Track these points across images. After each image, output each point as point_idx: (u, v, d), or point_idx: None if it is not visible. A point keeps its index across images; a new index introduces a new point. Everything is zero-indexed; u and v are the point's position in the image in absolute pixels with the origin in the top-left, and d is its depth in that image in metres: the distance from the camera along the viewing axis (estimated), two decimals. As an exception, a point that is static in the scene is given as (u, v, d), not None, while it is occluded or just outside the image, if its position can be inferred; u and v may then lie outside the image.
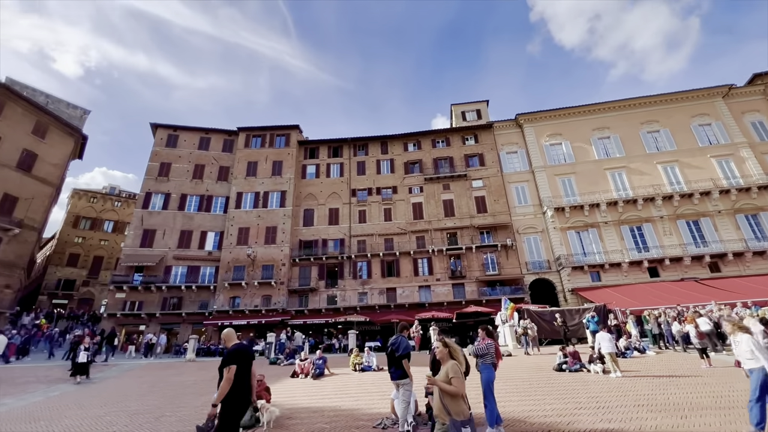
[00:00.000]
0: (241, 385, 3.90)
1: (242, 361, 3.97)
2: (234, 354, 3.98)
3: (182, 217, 30.75)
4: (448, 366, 3.47)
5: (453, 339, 5.42)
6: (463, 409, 3.32)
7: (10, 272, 25.64)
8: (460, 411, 3.30)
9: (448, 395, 3.32)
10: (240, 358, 3.97)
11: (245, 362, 4.01)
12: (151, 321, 27.25)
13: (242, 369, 3.92)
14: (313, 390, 9.75)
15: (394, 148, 34.28)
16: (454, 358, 3.57)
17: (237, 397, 3.83)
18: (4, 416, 7.70)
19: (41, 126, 28.31)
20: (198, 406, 8.30)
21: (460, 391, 3.32)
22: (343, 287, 29.04)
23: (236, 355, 3.98)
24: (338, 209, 31.91)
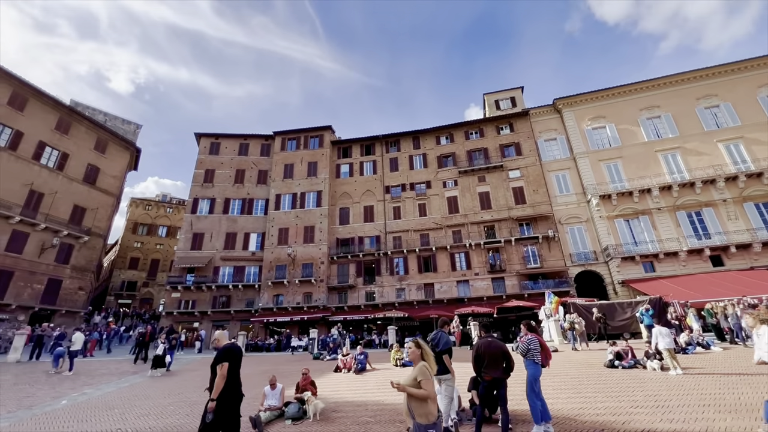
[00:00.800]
0: (233, 380, 4.28)
1: (233, 359, 4.32)
2: (226, 352, 4.33)
3: (227, 220, 32.50)
4: (417, 368, 3.34)
5: (495, 334, 5.27)
6: (428, 411, 3.18)
7: (82, 276, 28.47)
8: (424, 414, 3.17)
9: (415, 398, 3.21)
10: (231, 356, 4.33)
11: (235, 360, 4.36)
12: (203, 318, 29.13)
13: (233, 366, 4.29)
14: (356, 384, 9.98)
15: (426, 142, 33.97)
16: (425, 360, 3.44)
17: (231, 391, 4.20)
18: (86, 404, 8.60)
19: (101, 142, 31.06)
20: (249, 398, 8.72)
21: (428, 394, 3.19)
22: (381, 283, 29.32)
23: (228, 353, 4.33)
24: (373, 206, 32.20)
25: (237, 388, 4.38)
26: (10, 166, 24.70)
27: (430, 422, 3.14)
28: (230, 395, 4.23)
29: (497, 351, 4.92)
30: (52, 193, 26.78)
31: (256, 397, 8.60)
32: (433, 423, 3.15)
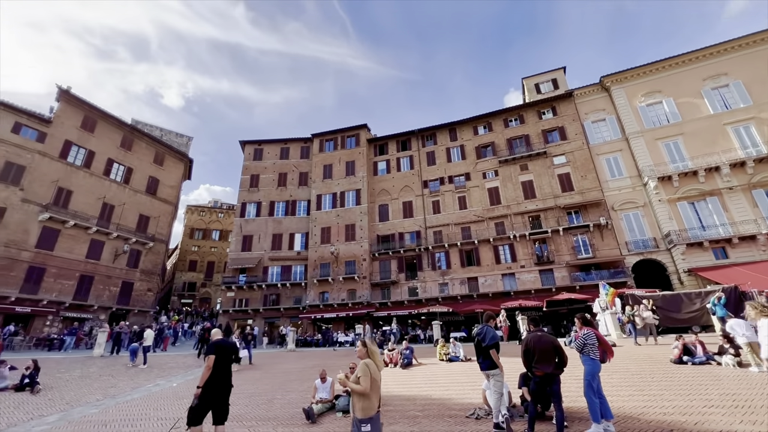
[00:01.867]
0: (220, 371, 4.76)
1: (220, 353, 4.80)
2: (213, 347, 4.82)
3: (273, 222, 34.06)
4: (360, 365, 3.52)
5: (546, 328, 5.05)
6: (366, 406, 3.34)
7: (149, 278, 31.32)
8: (362, 408, 3.34)
9: (355, 393, 3.39)
10: (218, 351, 4.80)
11: (224, 354, 4.85)
12: (256, 316, 30.85)
13: (221, 359, 4.79)
14: (403, 379, 10.07)
15: (463, 133, 33.20)
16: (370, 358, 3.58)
17: (215, 380, 4.68)
18: (159, 394, 9.50)
19: (159, 155, 33.85)
20: (302, 390, 9.19)
21: (364, 390, 3.32)
22: (423, 279, 29.23)
23: (215, 348, 4.82)
24: (411, 202, 32.11)
25: (225, 378, 4.79)
26: (85, 182, 27.71)
27: (365, 416, 3.32)
28: (216, 384, 4.67)
29: (548, 345, 4.72)
30: (120, 204, 29.69)
31: (307, 390, 9.00)
32: (368, 417, 3.32)
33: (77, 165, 27.44)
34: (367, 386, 3.34)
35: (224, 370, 4.82)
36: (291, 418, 6.65)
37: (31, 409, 7.88)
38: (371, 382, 3.36)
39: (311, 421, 6.17)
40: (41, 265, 24.45)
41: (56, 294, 24.77)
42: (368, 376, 3.39)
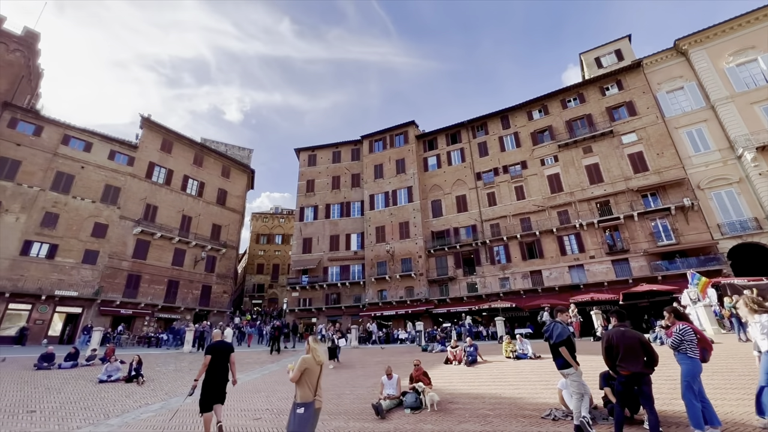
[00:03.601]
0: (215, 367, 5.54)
1: (216, 353, 5.59)
2: (210, 348, 5.66)
3: (329, 224, 35.38)
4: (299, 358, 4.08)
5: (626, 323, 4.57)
6: (302, 393, 3.93)
7: (224, 282, 34.33)
8: (300, 395, 3.93)
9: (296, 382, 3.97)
10: (214, 351, 5.61)
11: (220, 353, 5.63)
12: (319, 314, 32.30)
13: (217, 357, 5.57)
14: (469, 376, 9.86)
15: (516, 119, 31.57)
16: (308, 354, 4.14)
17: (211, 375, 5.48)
18: (240, 388, 10.32)
19: (226, 169, 36.92)
20: (369, 387, 9.41)
21: (292, 379, 3.96)
22: (482, 274, 28.35)
23: (211, 349, 5.64)
24: (465, 195, 31.30)
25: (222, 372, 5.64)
26: (167, 198, 31.15)
27: (302, 401, 3.91)
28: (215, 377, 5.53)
29: (633, 342, 4.27)
30: (196, 215, 32.90)
31: (374, 386, 9.20)
32: (304, 402, 3.89)
33: (160, 183, 30.96)
34: (294, 377, 3.95)
35: (221, 365, 5.64)
36: (361, 413, 6.85)
37: (138, 398, 9.04)
38: (303, 373, 3.95)
39: (380, 417, 6.29)
40: (137, 273, 28.00)
41: (150, 297, 28.23)
42: (299, 369, 3.96)
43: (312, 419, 3.89)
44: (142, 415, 7.41)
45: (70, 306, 24.95)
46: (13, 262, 23.17)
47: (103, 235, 26.86)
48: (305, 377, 3.96)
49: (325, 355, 3.98)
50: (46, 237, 24.62)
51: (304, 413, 3.84)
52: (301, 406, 3.86)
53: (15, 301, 22.77)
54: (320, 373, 4.11)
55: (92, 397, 8.93)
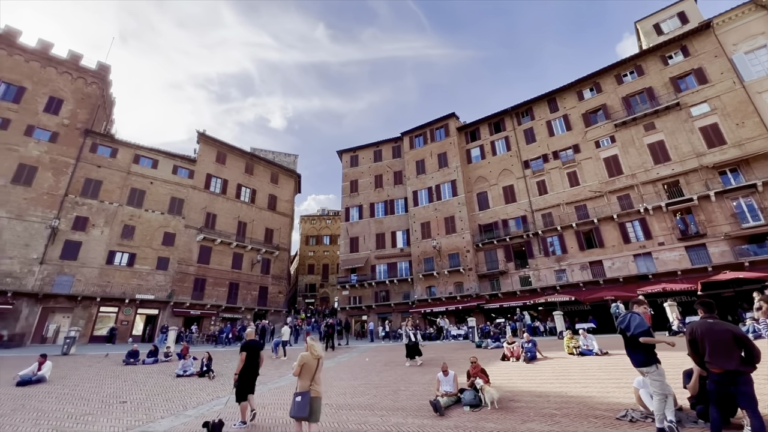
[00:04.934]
0: (251, 363, 6.31)
1: (250, 350, 6.39)
2: (244, 345, 6.47)
3: (374, 223, 35.77)
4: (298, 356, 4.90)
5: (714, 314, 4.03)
6: (301, 384, 4.71)
7: (278, 282, 36.12)
8: (298, 386, 4.73)
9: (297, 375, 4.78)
10: (249, 348, 6.40)
11: (253, 350, 6.43)
12: (369, 312, 32.81)
13: (251, 354, 6.36)
14: (529, 374, 9.43)
15: (564, 101, 29.63)
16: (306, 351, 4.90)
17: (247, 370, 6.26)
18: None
19: (274, 175, 38.81)
20: (424, 383, 9.35)
21: (293, 374, 4.78)
22: (536, 266, 27.02)
23: (246, 346, 6.44)
24: (512, 185, 30.01)
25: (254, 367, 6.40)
26: (224, 206, 33.42)
27: (300, 391, 4.64)
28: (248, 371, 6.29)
29: (725, 335, 3.73)
30: (251, 221, 34.94)
31: (429, 382, 9.12)
32: (302, 392, 4.61)
33: (217, 192, 33.30)
34: (295, 372, 4.76)
35: (253, 361, 6.39)
36: (418, 409, 6.81)
37: (210, 391, 9.78)
38: (301, 368, 4.75)
39: (439, 414, 6.21)
40: (203, 277, 30.38)
41: (215, 299, 30.49)
42: (298, 365, 4.76)
43: (308, 405, 4.52)
44: (215, 407, 7.99)
45: (149, 308, 27.73)
46: (101, 270, 26.24)
47: (172, 243, 29.49)
48: (304, 371, 4.75)
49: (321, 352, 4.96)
50: (125, 247, 27.56)
51: (301, 401, 4.54)
52: (298, 395, 4.60)
53: (105, 305, 25.81)
54: (317, 367, 4.79)
55: (171, 390, 9.82)
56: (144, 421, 6.87)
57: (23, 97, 26.23)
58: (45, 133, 26.43)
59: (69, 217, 25.82)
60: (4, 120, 25.08)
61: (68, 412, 7.53)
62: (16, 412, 7.49)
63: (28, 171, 25.07)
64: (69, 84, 28.53)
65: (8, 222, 23.61)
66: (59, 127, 27.04)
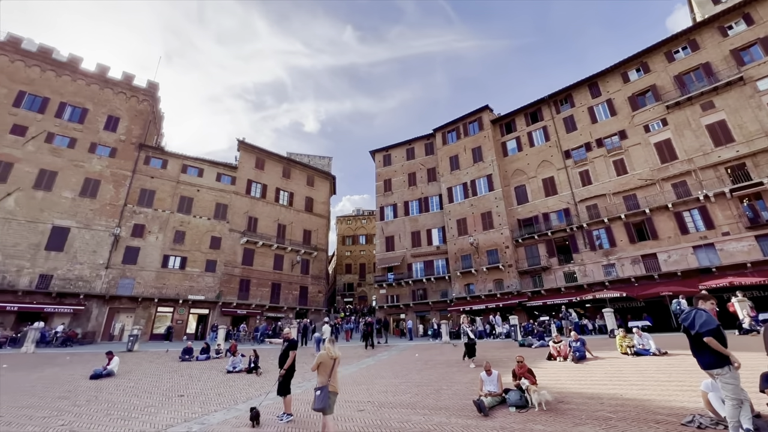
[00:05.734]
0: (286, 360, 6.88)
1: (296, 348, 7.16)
2: (294, 344, 7.26)
3: (409, 221, 35.66)
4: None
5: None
6: (319, 380, 5.13)
7: (318, 282, 37.07)
8: (317, 381, 5.16)
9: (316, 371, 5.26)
10: (296, 347, 7.23)
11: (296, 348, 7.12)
12: (407, 310, 32.78)
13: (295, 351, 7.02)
14: (579, 374, 8.95)
15: (607, 85, 27.84)
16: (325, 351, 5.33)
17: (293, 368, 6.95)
18: (341, 380, 10.94)
19: (310, 178, 39.88)
20: (466, 382, 9.18)
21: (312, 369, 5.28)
22: (581, 261, 25.64)
23: (295, 344, 7.27)
24: (553, 177, 28.67)
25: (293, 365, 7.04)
26: (264, 209, 34.84)
27: (319, 385, 5.06)
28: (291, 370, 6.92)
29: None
30: (289, 223, 36.16)
31: (471, 381, 8.94)
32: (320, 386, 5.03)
33: (257, 197, 34.79)
34: (313, 367, 5.29)
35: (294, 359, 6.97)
36: (462, 409, 6.70)
37: (258, 386, 10.23)
38: (319, 365, 5.21)
39: (484, 414, 6.06)
40: (247, 278, 31.88)
41: (259, 299, 31.90)
42: (316, 362, 5.26)
43: (327, 398, 4.96)
44: (263, 402, 8.34)
45: (200, 308, 29.56)
46: (158, 273, 28.33)
47: (219, 247, 31.22)
48: (321, 368, 5.20)
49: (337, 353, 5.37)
50: (177, 251, 29.56)
51: (320, 394, 4.99)
52: (318, 389, 5.04)
53: (162, 305, 27.85)
54: (333, 365, 5.22)
55: (223, 385, 10.39)
56: (199, 413, 7.33)
57: (86, 117, 28.92)
58: (105, 149, 28.97)
59: (128, 225, 28.12)
60: (71, 139, 27.81)
61: (134, 404, 8.21)
62: (91, 402, 8.29)
63: (93, 184, 27.61)
64: (124, 103, 31.05)
65: (78, 231, 26.16)
66: (117, 143, 29.53)
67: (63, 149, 27.29)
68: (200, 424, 6.53)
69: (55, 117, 27.69)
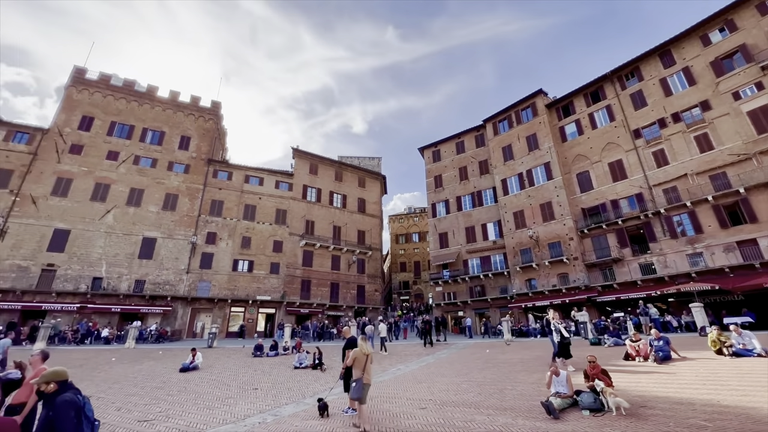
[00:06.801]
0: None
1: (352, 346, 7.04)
2: (352, 342, 7.43)
3: (462, 216, 34.86)
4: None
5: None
6: (355, 373, 5.91)
7: (374, 281, 37.78)
8: (353, 374, 5.95)
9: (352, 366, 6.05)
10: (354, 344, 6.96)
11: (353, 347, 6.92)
12: (465, 307, 32.08)
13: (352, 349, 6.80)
14: (663, 376, 8.09)
15: (683, 51, 24.73)
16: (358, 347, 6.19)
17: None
18: (402, 377, 11.14)
19: (361, 180, 40.78)
20: (531, 383, 8.77)
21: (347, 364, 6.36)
22: (660, 251, 23.09)
23: (353, 342, 7.28)
24: (620, 160, 26.17)
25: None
26: (320, 212, 36.36)
27: (353, 378, 5.89)
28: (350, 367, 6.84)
29: None
30: (344, 225, 37.32)
31: (537, 382, 8.53)
32: (355, 379, 5.84)
33: (312, 201, 36.42)
34: (348, 363, 6.15)
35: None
36: (528, 410, 6.41)
37: (323, 382, 10.73)
38: (354, 361, 5.97)
39: (553, 417, 5.74)
40: (307, 278, 33.54)
41: (319, 298, 33.38)
42: (351, 358, 6.05)
43: (362, 389, 5.71)
44: (329, 397, 8.73)
45: (267, 308, 31.73)
46: (229, 276, 30.96)
47: (281, 250, 33.24)
48: (356, 363, 5.94)
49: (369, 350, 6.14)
50: (245, 255, 32.03)
51: (356, 386, 5.78)
52: (354, 381, 5.86)
53: (234, 306, 30.41)
54: (366, 361, 5.93)
55: (292, 380, 11.06)
56: (272, 405, 7.89)
57: (164, 139, 32.54)
58: (180, 166, 32.34)
59: (203, 234, 31.09)
60: (153, 160, 31.47)
61: (216, 395, 9.09)
62: (181, 393, 9.34)
63: (172, 199, 30.97)
64: (193, 123, 34.38)
65: (163, 241, 29.53)
66: (190, 160, 32.79)
67: (147, 169, 30.99)
68: (274, 416, 7.03)
69: (140, 141, 31.55)
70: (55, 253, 26.18)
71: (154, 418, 6.97)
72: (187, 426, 6.48)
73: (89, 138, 29.82)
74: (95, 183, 28.83)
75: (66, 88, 30.65)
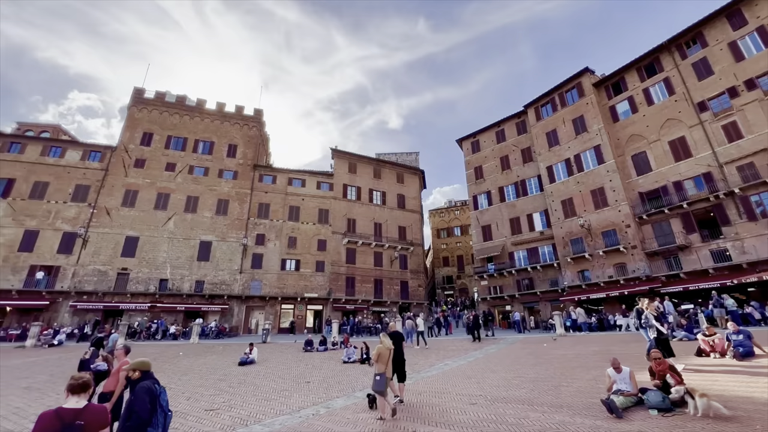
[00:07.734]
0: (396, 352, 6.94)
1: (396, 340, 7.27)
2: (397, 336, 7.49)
3: (506, 207, 33.67)
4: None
5: None
6: (377, 367, 6.11)
7: (417, 276, 37.71)
8: (376, 368, 6.14)
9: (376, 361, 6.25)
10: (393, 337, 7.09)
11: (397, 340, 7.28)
12: (513, 301, 31.03)
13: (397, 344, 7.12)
14: (745, 375, 7.29)
15: (755, 9, 21.96)
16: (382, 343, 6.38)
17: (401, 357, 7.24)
18: (450, 372, 11.03)
19: (400, 176, 40.79)
20: (589, 379, 8.31)
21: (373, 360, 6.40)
22: (735, 235, 20.74)
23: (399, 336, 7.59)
24: (684, 138, 23.80)
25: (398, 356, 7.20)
26: (360, 210, 36.91)
27: (376, 371, 6.06)
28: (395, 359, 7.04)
29: None
30: (384, 221, 37.58)
31: (595, 379, 8.07)
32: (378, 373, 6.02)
33: (353, 199, 37.06)
34: (373, 358, 6.33)
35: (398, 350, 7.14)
36: (587, 408, 6.08)
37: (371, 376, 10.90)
38: (377, 355, 6.16)
39: (616, 416, 5.38)
40: (351, 275, 34.26)
41: (364, 294, 33.97)
42: (375, 354, 6.23)
43: (384, 383, 5.98)
44: (378, 391, 8.91)
45: (314, 304, 32.91)
46: (278, 275, 32.49)
47: (325, 249, 34.26)
48: (380, 358, 6.14)
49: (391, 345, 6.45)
50: (292, 255, 33.42)
51: (380, 379, 5.96)
52: (377, 375, 6.01)
53: (284, 303, 31.89)
54: (389, 355, 6.27)
55: (341, 374, 11.39)
56: (324, 398, 8.18)
57: (214, 148, 34.77)
58: (229, 173, 34.39)
59: (252, 235, 32.87)
60: (205, 168, 33.77)
61: (272, 387, 9.60)
62: (241, 385, 9.98)
63: (224, 204, 33.06)
64: (238, 131, 36.37)
65: (217, 244, 31.65)
66: (237, 167, 34.76)
67: (201, 177, 33.32)
68: (326, 408, 7.29)
69: (192, 152, 33.97)
70: (128, 258, 29.09)
71: (219, 408, 7.53)
72: (248, 415, 6.92)
73: (150, 152, 32.65)
74: (157, 193, 31.54)
75: (128, 108, 33.78)
